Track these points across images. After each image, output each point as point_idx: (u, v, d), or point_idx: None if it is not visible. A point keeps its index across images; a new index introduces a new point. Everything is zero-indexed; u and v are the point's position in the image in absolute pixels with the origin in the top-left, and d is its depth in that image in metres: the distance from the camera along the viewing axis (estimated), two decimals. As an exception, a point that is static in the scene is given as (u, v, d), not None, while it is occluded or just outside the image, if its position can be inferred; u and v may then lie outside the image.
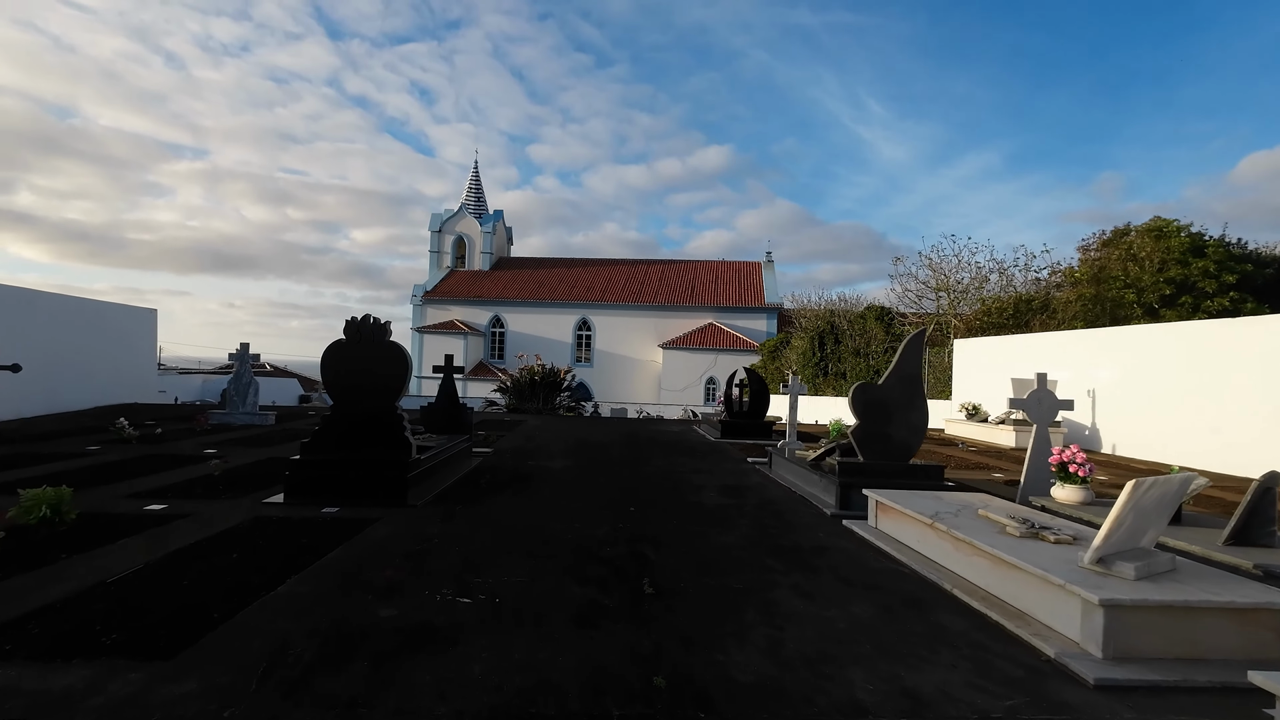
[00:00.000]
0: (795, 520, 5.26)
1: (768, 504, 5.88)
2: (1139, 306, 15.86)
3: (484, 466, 7.42)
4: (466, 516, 4.94)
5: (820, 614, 3.18)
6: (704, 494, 6.25)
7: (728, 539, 4.58)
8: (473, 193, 49.61)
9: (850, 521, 5.15)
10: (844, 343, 27.11)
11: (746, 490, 6.55)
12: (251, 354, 11.51)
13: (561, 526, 4.74)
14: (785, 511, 5.59)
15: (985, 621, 3.15)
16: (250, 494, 5.45)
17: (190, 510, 4.84)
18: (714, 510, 5.54)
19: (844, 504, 5.57)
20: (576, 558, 3.97)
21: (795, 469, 7.00)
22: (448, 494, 5.76)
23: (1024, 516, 4.01)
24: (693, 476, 7.25)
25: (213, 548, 3.92)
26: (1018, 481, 7.82)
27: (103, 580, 3.30)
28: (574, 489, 6.25)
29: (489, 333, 43.54)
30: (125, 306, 15.69)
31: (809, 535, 4.77)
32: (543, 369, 16.94)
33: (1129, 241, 17.01)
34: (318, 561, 3.71)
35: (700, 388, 40.19)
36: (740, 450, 9.68)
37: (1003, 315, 17.26)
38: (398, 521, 4.71)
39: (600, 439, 10.46)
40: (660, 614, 3.10)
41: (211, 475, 5.99)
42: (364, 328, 5.45)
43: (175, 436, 9.13)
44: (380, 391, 5.43)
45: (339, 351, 5.45)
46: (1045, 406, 5.77)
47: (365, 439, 5.39)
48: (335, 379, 5.44)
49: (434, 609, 3.07)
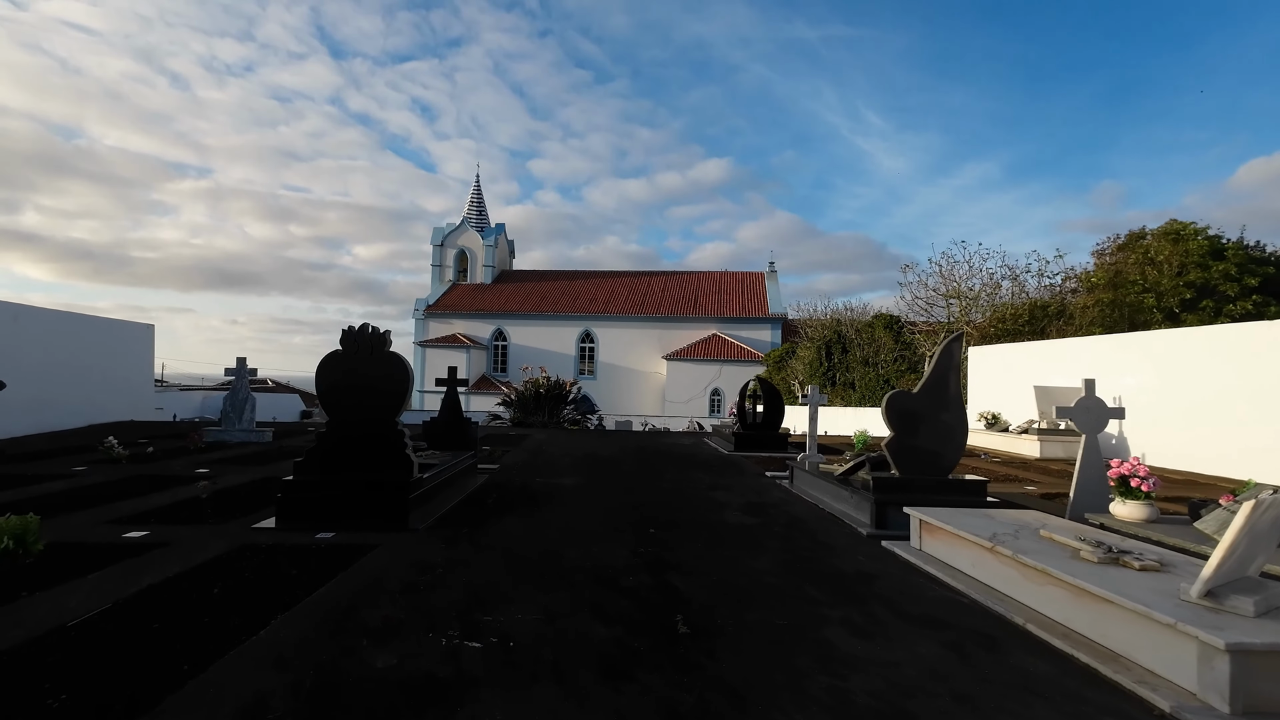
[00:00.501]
0: (829, 541, 4.84)
1: (796, 523, 5.46)
2: (1159, 311, 15.46)
3: (490, 484, 7.02)
4: (473, 541, 4.53)
5: (884, 657, 2.76)
6: (726, 512, 5.84)
7: (760, 564, 4.16)
8: (474, 206, 49.53)
9: (891, 543, 4.73)
10: (852, 352, 26.70)
11: (770, 508, 6.13)
12: (253, 370, 11.15)
13: (577, 552, 4.33)
14: (817, 531, 5.17)
15: (1074, 665, 2.73)
16: (239, 518, 5.05)
17: (172, 538, 4.44)
18: (739, 531, 5.13)
19: (880, 523, 5.15)
20: (597, 589, 3.55)
21: (821, 484, 6.58)
22: (452, 516, 5.35)
23: (1094, 538, 3.60)
24: (711, 493, 6.83)
25: (191, 582, 3.52)
26: (1053, 495, 7.40)
27: (62, 624, 2.89)
28: (587, 508, 5.84)
29: (491, 346, 43.21)
30: (121, 322, 15.37)
31: (848, 559, 4.35)
32: (548, 382, 16.55)
33: (1145, 245, 16.65)
34: (308, 598, 3.30)
35: (705, 399, 39.75)
36: (756, 464, 9.26)
37: (1018, 322, 16.86)
38: (398, 548, 4.30)
39: (610, 453, 10.05)
40: (700, 660, 2.69)
41: (199, 498, 5.60)
42: (362, 337, 5.08)
43: (167, 455, 8.74)
44: (379, 406, 5.05)
45: (335, 363, 5.07)
46: (1095, 415, 5.36)
47: (363, 457, 5.00)
48: (331, 393, 5.06)
49: (438, 656, 2.66)
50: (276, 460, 8.45)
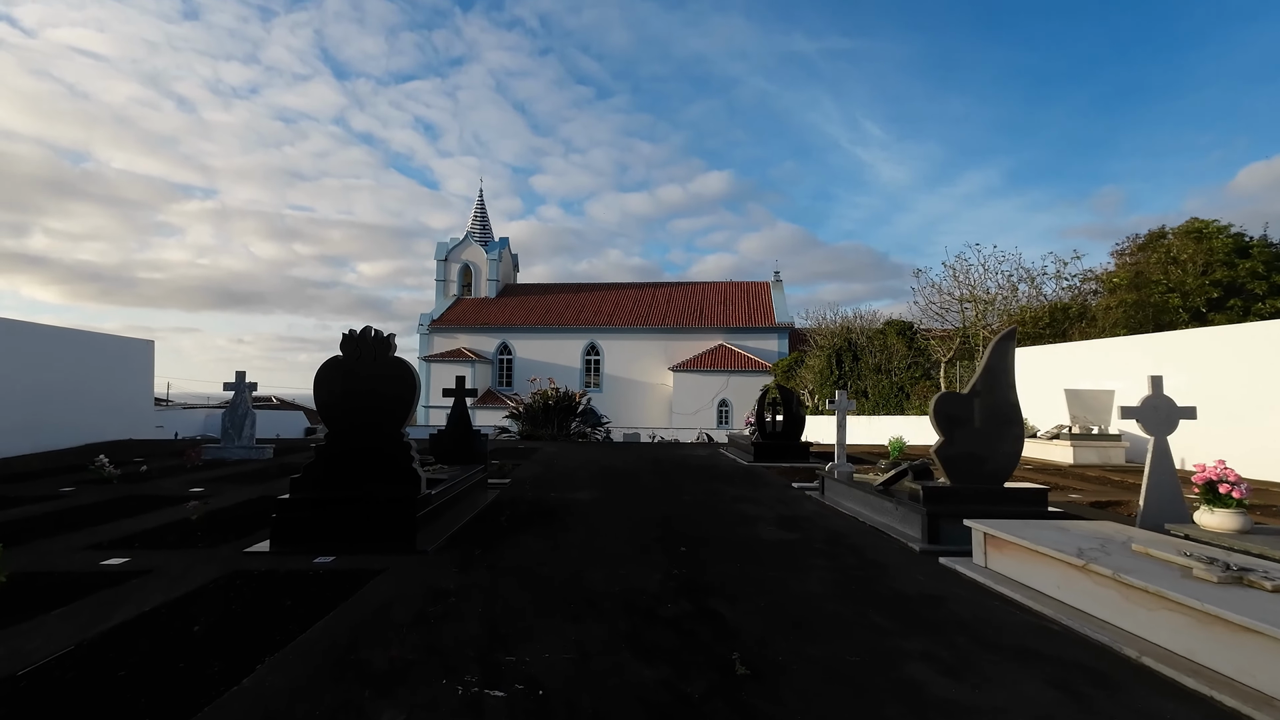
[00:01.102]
0: (879, 559, 4.39)
1: (837, 538, 5.01)
2: (1185, 311, 14.99)
3: (502, 500, 6.58)
4: (488, 564, 4.10)
5: (986, 701, 2.31)
6: (759, 527, 5.38)
7: (810, 586, 3.71)
8: (478, 220, 49.44)
9: (949, 560, 4.27)
10: (863, 359, 26.22)
11: (805, 521, 5.68)
12: (253, 384, 10.77)
13: (604, 574, 3.88)
14: (863, 547, 4.71)
15: (1219, 709, 2.28)
16: (231, 541, 4.62)
17: (155, 564, 4.01)
18: (777, 548, 4.67)
19: (932, 537, 4.69)
20: (632, 619, 3.11)
21: (858, 495, 6.13)
22: (463, 535, 4.92)
23: (1202, 554, 3.14)
24: (738, 506, 6.38)
25: (170, 618, 3.09)
26: (1104, 503, 6.93)
27: (11, 673, 2.47)
28: (608, 525, 5.40)
29: (496, 360, 42.86)
30: (120, 338, 15.04)
31: (906, 579, 3.89)
32: (556, 393, 16.14)
33: (1167, 244, 16.22)
34: (303, 634, 2.87)
35: (712, 410, 39.25)
36: (780, 474, 8.80)
37: (1038, 325, 16.41)
38: (405, 573, 3.86)
39: (624, 465, 9.60)
40: (768, 709, 2.24)
41: (189, 519, 5.17)
42: (364, 342, 4.68)
43: (162, 474, 8.33)
44: (383, 416, 4.63)
45: (335, 371, 4.67)
46: (1164, 416, 4.92)
47: (366, 473, 4.57)
48: (331, 403, 4.65)
49: (455, 708, 2.22)
50: (276, 478, 8.04)
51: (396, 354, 4.75)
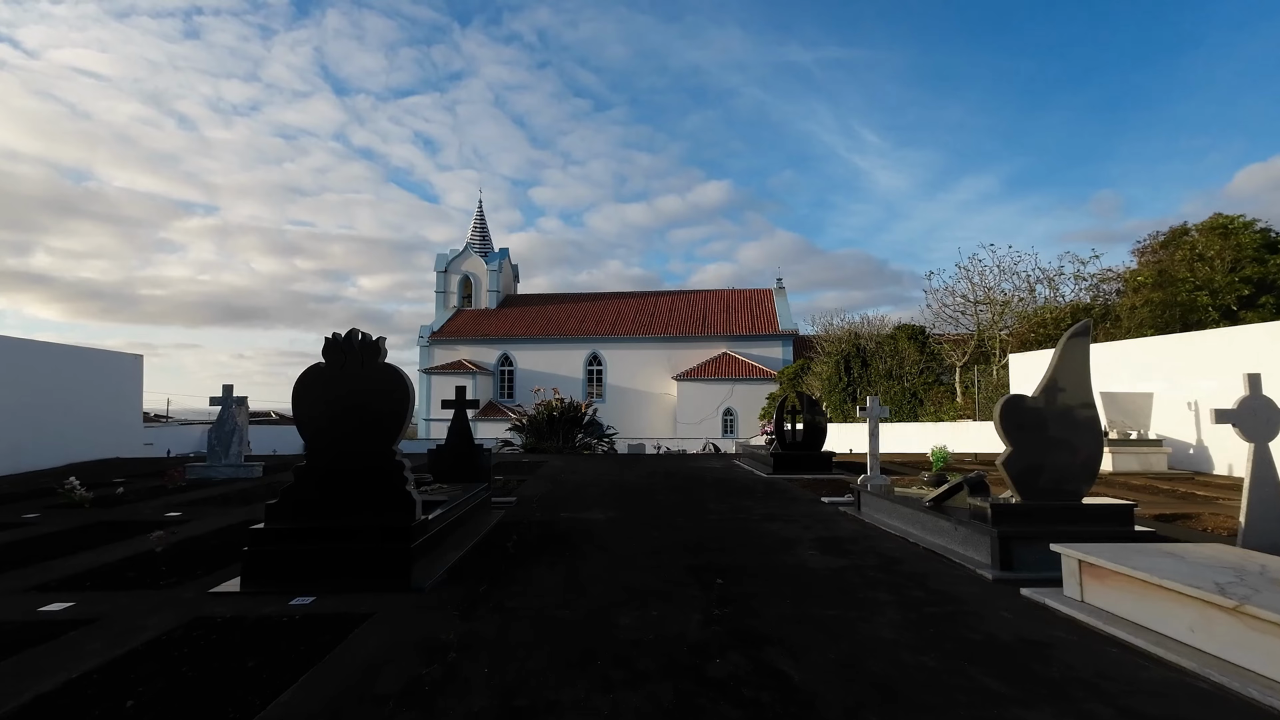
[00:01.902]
0: (950, 590, 3.77)
1: (892, 564, 4.39)
2: (1214, 310, 14.40)
3: (508, 522, 5.97)
4: (494, 604, 3.49)
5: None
6: (799, 551, 4.77)
7: (882, 629, 3.10)
8: (477, 232, 49.05)
9: (1033, 591, 3.65)
10: (873, 365, 25.62)
11: (849, 543, 5.06)
12: (247, 401, 10.19)
13: (633, 617, 3.27)
14: (925, 575, 4.10)
15: None
16: (198, 577, 4.02)
17: (104, 610, 3.41)
18: (828, 578, 4.06)
19: (1005, 562, 4.08)
20: (676, 682, 2.50)
21: (902, 511, 5.52)
22: (465, 567, 4.31)
23: (1381, 590, 2.54)
24: (770, 526, 5.77)
25: (103, 686, 2.48)
26: (1168, 516, 6.29)
27: None
28: (630, 551, 4.79)
29: (498, 371, 42.29)
30: (107, 352, 14.48)
31: (993, 618, 3.28)
32: (561, 404, 15.54)
33: (1191, 241, 15.66)
34: (263, 710, 2.26)
35: (717, 419, 38.60)
36: (805, 488, 8.18)
37: (1059, 327, 15.80)
38: (397, 618, 3.26)
39: (637, 481, 8.98)
40: (887, 832, 1.63)
41: (154, 551, 4.56)
42: (349, 347, 4.10)
43: (140, 497, 7.73)
44: (373, 432, 4.04)
45: (316, 380, 4.08)
46: (1264, 419, 4.31)
47: (353, 498, 3.98)
48: (311, 418, 4.06)
49: (456, 835, 1.61)
50: (263, 499, 7.41)
51: (387, 360, 4.16)
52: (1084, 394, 4.36)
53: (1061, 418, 4.33)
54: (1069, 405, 4.34)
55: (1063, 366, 4.38)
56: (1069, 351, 4.39)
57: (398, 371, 4.11)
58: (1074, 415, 4.34)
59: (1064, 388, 4.36)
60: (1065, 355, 4.39)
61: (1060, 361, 4.39)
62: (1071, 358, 4.38)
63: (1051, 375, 4.38)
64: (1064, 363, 4.38)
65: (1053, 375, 4.37)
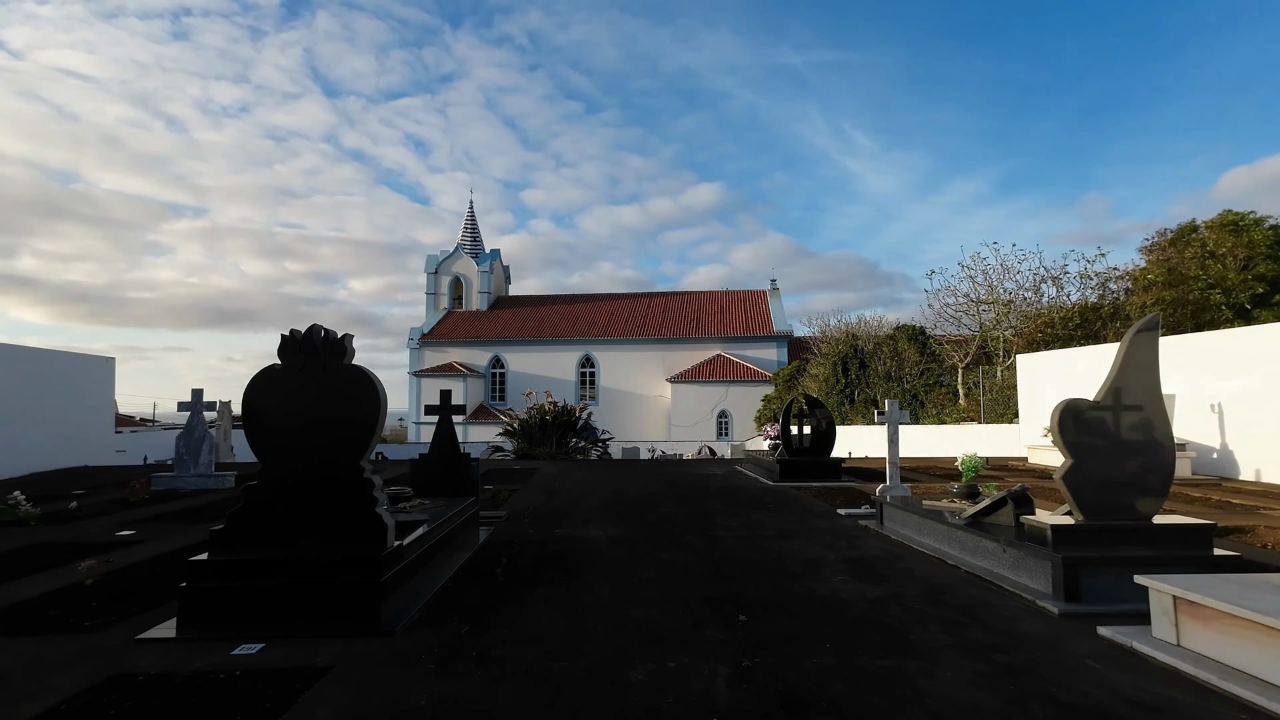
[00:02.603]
0: (1013, 629, 3.23)
1: (936, 593, 3.85)
2: (1228, 308, 14.01)
3: (497, 541, 5.39)
4: (478, 654, 2.91)
5: None
6: (826, 576, 4.22)
7: (950, 688, 2.54)
8: (468, 233, 48.34)
9: (1113, 631, 3.11)
10: (871, 366, 25.16)
11: (880, 565, 4.52)
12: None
13: (648, 671, 2.70)
14: (977, 607, 3.55)
15: None
16: (130, 618, 3.41)
17: (2, 665, 2.80)
18: (868, 613, 3.50)
19: (1071, 593, 3.54)
20: (711, 775, 1.93)
21: (936, 529, 4.98)
22: (445, 600, 3.72)
23: None
24: (789, 545, 5.21)
25: (-43, 791, 1.89)
26: (1220, 530, 5.78)
27: None
28: (637, 578, 4.21)
29: (489, 374, 41.59)
30: (76, 355, 13.76)
31: (1081, 671, 2.73)
32: (554, 407, 14.93)
33: (1202, 238, 15.29)
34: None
35: (712, 422, 38.10)
36: (817, 498, 7.64)
37: (1067, 326, 15.39)
38: (360, 673, 2.67)
39: (637, 490, 8.41)
40: None
41: (82, 584, 3.94)
42: (309, 346, 3.50)
43: (96, 511, 7.08)
44: (337, 445, 3.45)
45: (271, 385, 3.49)
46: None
47: (313, 522, 3.38)
48: (264, 428, 3.47)
49: None
50: (229, 514, 6.79)
51: (355, 361, 3.57)
52: (1154, 397, 3.83)
53: (1129, 424, 3.80)
54: (1137, 410, 3.81)
55: (1129, 366, 3.85)
56: (1136, 348, 3.87)
57: (367, 374, 3.52)
58: (1143, 421, 3.81)
59: (1131, 390, 3.83)
60: (1131, 353, 3.87)
61: (1126, 360, 3.86)
62: (1139, 355, 3.86)
63: (1116, 376, 3.85)
64: (1130, 361, 3.86)
65: (1118, 376, 3.85)
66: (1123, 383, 3.83)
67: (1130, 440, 3.80)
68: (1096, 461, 3.76)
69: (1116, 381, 3.84)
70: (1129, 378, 3.84)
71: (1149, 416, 3.81)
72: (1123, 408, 3.81)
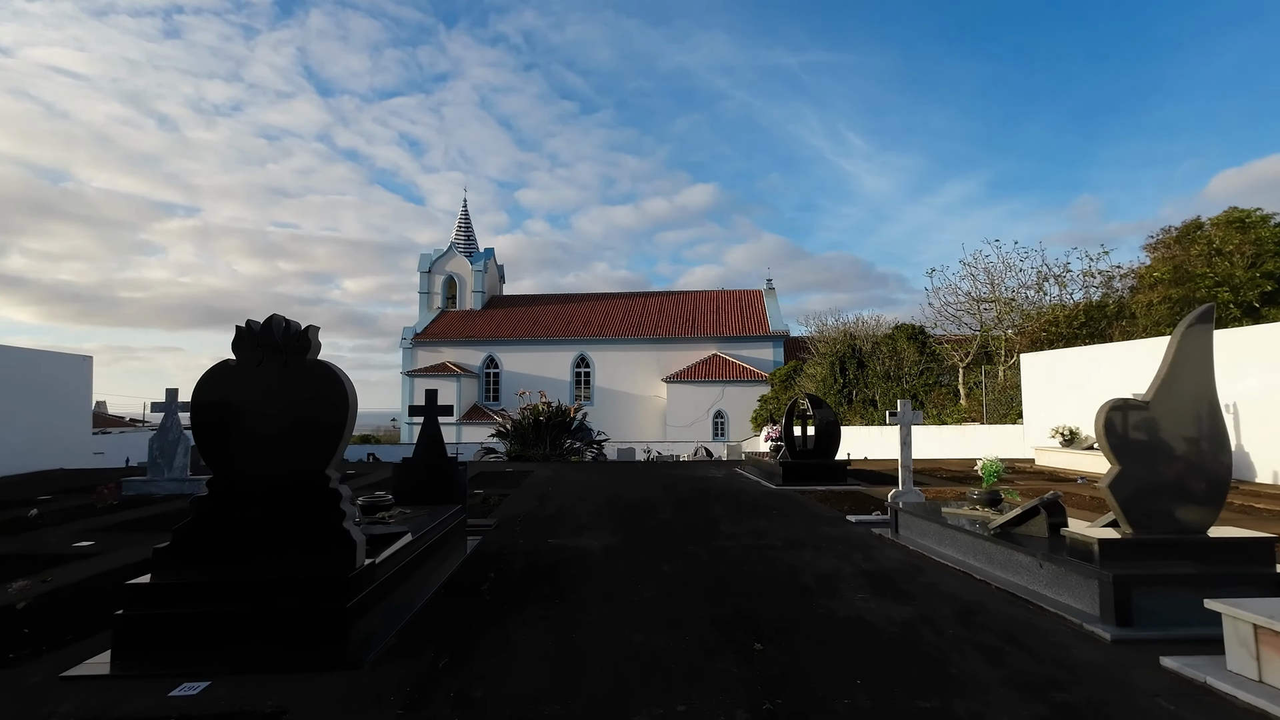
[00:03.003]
0: (1064, 658, 2.86)
1: (968, 614, 3.47)
2: (1236, 306, 13.74)
3: (485, 553, 4.99)
4: (457, 695, 2.51)
5: None
6: (845, 593, 3.84)
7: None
8: (462, 231, 47.83)
9: (1179, 663, 2.74)
10: (870, 366, 24.85)
11: (902, 580, 4.14)
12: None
13: (654, 717, 2.31)
14: (1017, 632, 3.18)
15: None
16: (63, 648, 3.00)
17: (-104, 712, 2.39)
18: (898, 638, 3.13)
19: (1123, 616, 3.17)
20: None
21: (958, 539, 4.61)
22: (423, 624, 3.33)
23: None
24: (800, 556, 4.83)
25: None
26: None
27: None
28: (637, 595, 3.82)
29: (483, 374, 41.09)
30: (51, 354, 13.28)
31: (1152, 712, 2.36)
32: (548, 408, 14.53)
33: (1208, 235, 15.02)
34: None
35: (708, 422, 37.74)
36: (824, 503, 7.27)
37: (1072, 325, 15.08)
38: (320, 718, 2.28)
39: (634, 494, 8.02)
40: None
41: (14, 607, 3.52)
42: (268, 339, 3.10)
43: (60, 518, 6.64)
44: (299, 451, 3.05)
45: (224, 383, 3.08)
46: None
47: (271, 539, 2.98)
48: (216, 432, 3.06)
49: None
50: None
51: (321, 357, 3.17)
52: (1208, 396, 3.48)
53: (1182, 426, 3.44)
54: (1191, 411, 3.46)
55: (1181, 363, 3.50)
56: (1189, 343, 3.51)
57: (334, 371, 3.12)
58: (1197, 423, 3.46)
59: (1184, 389, 3.47)
60: (1184, 348, 3.51)
61: (1178, 356, 3.50)
62: (1192, 350, 3.50)
63: (1168, 374, 3.49)
64: (1183, 357, 3.50)
65: (1169, 373, 3.49)
66: (1174, 381, 3.47)
67: (1182, 444, 3.44)
68: (1146, 467, 3.40)
69: (1168, 379, 3.48)
70: (1181, 375, 3.48)
71: (1203, 417, 3.46)
72: (1174, 409, 3.46)
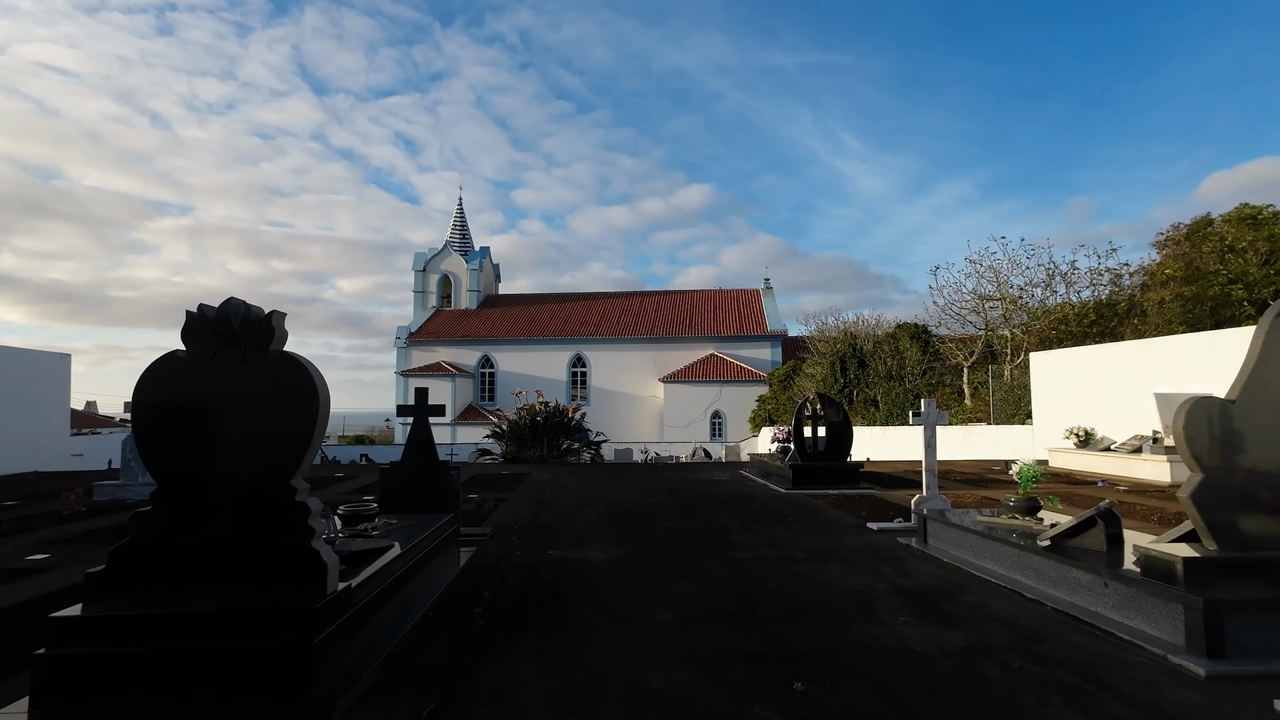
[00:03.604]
0: (1156, 702, 2.44)
1: (1030, 644, 3.05)
2: (1250, 304, 13.42)
3: (478, 568, 4.55)
4: (443, 754, 2.07)
5: None
6: (884, 616, 3.42)
7: (1126, 814, 1.74)
8: (457, 230, 47.31)
9: (1302, 706, 2.33)
10: (871, 365, 24.49)
11: (943, 600, 3.72)
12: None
13: (683, 788, 1.88)
14: (1092, 666, 2.76)
15: None
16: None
17: None
18: (957, 674, 2.70)
19: (1214, 646, 2.76)
20: None
21: (1002, 552, 4.20)
22: (407, 658, 2.88)
23: None
24: (825, 569, 4.41)
25: None
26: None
27: None
28: (650, 621, 3.39)
29: (478, 374, 40.57)
30: (26, 351, 12.75)
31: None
32: (545, 408, 14.08)
33: (1219, 232, 14.70)
34: None
35: (705, 422, 37.35)
36: (840, 508, 6.86)
37: (1082, 324, 14.73)
38: (265, 797, 1.83)
39: (637, 499, 7.59)
40: None
41: (-67, 639, 3.06)
42: (224, 328, 2.65)
43: (19, 526, 6.17)
44: (259, 459, 2.60)
45: (171, 379, 2.63)
46: None
47: (225, 560, 2.53)
48: (161, 435, 2.61)
49: None
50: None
51: (286, 349, 2.73)
52: (1300, 396, 3.07)
53: (1274, 429, 3.03)
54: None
55: (1269, 358, 3.09)
56: (1277, 336, 3.11)
57: (301, 364, 2.68)
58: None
59: (1275, 386, 3.07)
60: (1271, 342, 3.10)
61: (1265, 351, 3.10)
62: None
63: (1254, 370, 3.08)
64: (1271, 352, 3.09)
65: (1256, 369, 3.08)
66: (1264, 377, 3.06)
67: (1272, 449, 3.03)
68: (1234, 474, 3.00)
69: (1255, 377, 3.07)
70: (1270, 372, 3.07)
71: (1296, 419, 3.05)
72: (1262, 409, 3.05)
